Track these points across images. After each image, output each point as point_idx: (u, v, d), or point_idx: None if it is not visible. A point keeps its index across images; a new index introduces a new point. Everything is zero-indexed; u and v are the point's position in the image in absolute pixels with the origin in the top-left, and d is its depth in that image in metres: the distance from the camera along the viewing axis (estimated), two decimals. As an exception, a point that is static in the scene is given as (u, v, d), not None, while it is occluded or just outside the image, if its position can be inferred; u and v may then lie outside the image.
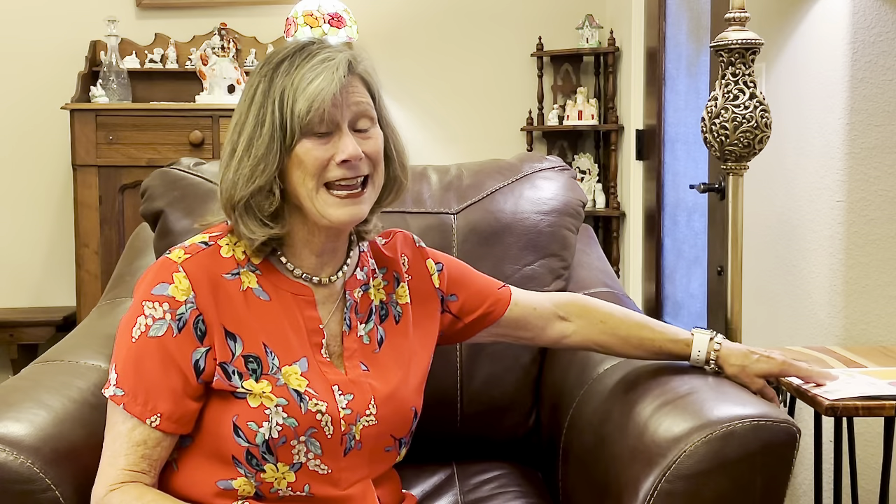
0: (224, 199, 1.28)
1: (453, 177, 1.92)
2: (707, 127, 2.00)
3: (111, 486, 1.23)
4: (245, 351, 1.27)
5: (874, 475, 2.04)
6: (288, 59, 1.27)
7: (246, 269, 1.30)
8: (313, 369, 1.30)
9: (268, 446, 1.25)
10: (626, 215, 3.92)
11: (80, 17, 4.03)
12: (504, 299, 1.50)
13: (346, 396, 1.31)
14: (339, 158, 1.25)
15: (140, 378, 1.24)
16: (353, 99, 1.27)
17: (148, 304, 1.25)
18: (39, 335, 3.85)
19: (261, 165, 1.24)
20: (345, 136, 1.26)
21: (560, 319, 1.51)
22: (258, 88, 1.27)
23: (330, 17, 3.78)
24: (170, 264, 1.27)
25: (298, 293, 1.33)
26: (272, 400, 1.25)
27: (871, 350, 1.93)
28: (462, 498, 1.66)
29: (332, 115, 1.25)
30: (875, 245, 2.08)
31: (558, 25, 4.16)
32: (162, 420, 1.24)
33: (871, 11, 2.04)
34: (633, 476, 1.28)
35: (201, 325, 1.25)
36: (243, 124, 1.27)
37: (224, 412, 1.26)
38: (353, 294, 1.38)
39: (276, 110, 1.24)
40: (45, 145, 4.05)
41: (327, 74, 1.24)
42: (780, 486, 1.29)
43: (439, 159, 2.33)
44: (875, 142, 2.06)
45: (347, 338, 1.35)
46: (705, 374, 1.44)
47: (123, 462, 1.24)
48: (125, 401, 1.24)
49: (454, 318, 1.49)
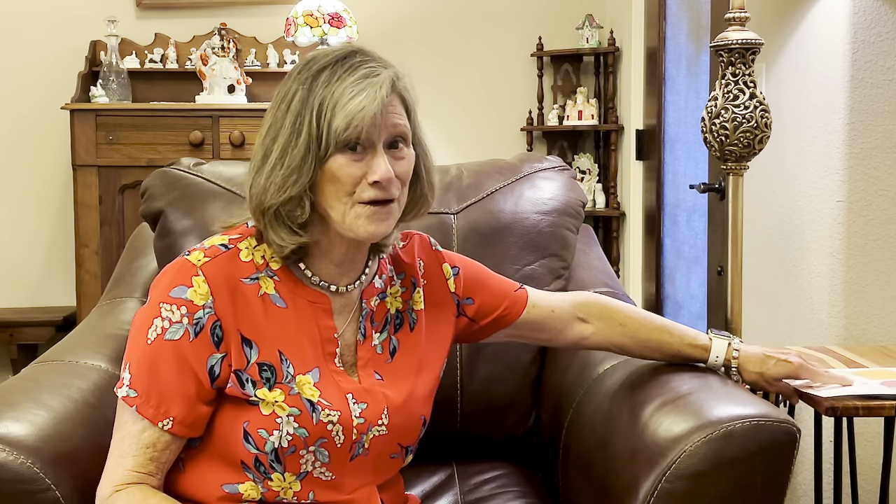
0: (254, 204, 1.26)
1: (453, 177, 1.92)
2: (707, 127, 2.00)
3: (117, 487, 1.23)
4: (260, 358, 1.26)
5: (874, 475, 2.04)
6: (329, 69, 1.24)
7: (264, 275, 1.29)
8: (325, 379, 1.29)
9: (276, 455, 1.24)
10: (626, 215, 3.92)
11: (80, 17, 4.04)
12: (521, 301, 1.48)
13: (360, 405, 1.30)
14: (371, 179, 1.23)
15: (154, 381, 1.23)
16: (391, 120, 1.25)
17: (165, 306, 1.24)
18: (39, 335, 3.85)
19: (293, 176, 1.22)
20: (378, 156, 1.23)
21: (579, 321, 1.50)
22: (296, 95, 1.24)
23: (330, 17, 3.78)
24: (189, 267, 1.25)
25: (315, 301, 1.31)
26: (284, 409, 1.25)
27: (871, 350, 1.93)
28: (462, 498, 1.66)
29: (369, 134, 1.22)
30: (875, 245, 2.08)
31: (558, 25, 4.16)
32: (174, 424, 1.23)
33: (871, 11, 2.04)
34: (634, 476, 1.28)
35: (218, 330, 1.24)
36: (278, 130, 1.24)
37: (235, 418, 1.25)
38: (370, 303, 1.36)
39: (314, 121, 1.21)
40: (45, 145, 4.05)
41: (370, 92, 1.21)
42: (780, 486, 1.29)
43: (439, 159, 2.31)
44: (875, 142, 2.06)
45: (362, 347, 1.34)
46: (705, 373, 1.44)
47: (131, 463, 1.23)
48: (138, 402, 1.23)
49: (470, 321, 1.47)
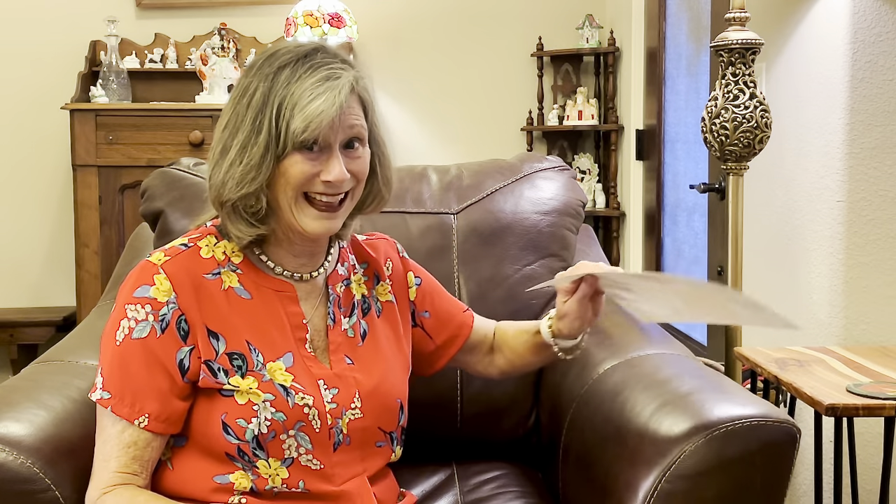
0: (212, 195, 1.29)
1: (453, 177, 1.92)
2: (707, 127, 2.00)
3: (104, 490, 1.24)
4: (229, 349, 1.28)
5: (874, 475, 2.04)
6: (290, 67, 1.25)
7: (227, 269, 1.31)
8: (298, 364, 1.31)
9: (258, 442, 1.26)
10: (626, 215, 3.93)
11: (80, 17, 4.04)
12: (468, 322, 1.53)
13: (332, 391, 1.32)
14: (325, 178, 1.26)
15: (126, 380, 1.25)
16: (348, 122, 1.27)
17: (130, 306, 1.26)
18: (39, 335, 3.85)
19: (252, 174, 1.24)
20: (334, 158, 1.26)
21: (497, 349, 1.55)
22: (258, 91, 1.25)
23: (330, 17, 3.78)
24: (150, 267, 1.28)
25: (280, 290, 1.34)
26: (259, 396, 1.26)
27: (871, 350, 1.93)
28: (462, 498, 1.66)
29: (326, 136, 1.25)
30: (875, 245, 2.08)
31: (558, 25, 4.16)
32: (150, 420, 1.25)
33: (871, 11, 2.04)
34: (634, 476, 1.28)
35: (184, 324, 1.26)
36: (238, 126, 1.26)
37: (212, 411, 1.27)
38: (336, 289, 1.39)
39: (273, 120, 1.24)
40: (45, 145, 4.05)
41: (329, 97, 1.23)
42: (780, 487, 1.29)
43: (439, 159, 2.33)
44: (875, 142, 2.06)
45: (332, 332, 1.36)
46: (705, 373, 1.44)
47: (115, 464, 1.25)
48: (112, 403, 1.25)
49: (426, 335, 1.50)
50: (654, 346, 1.62)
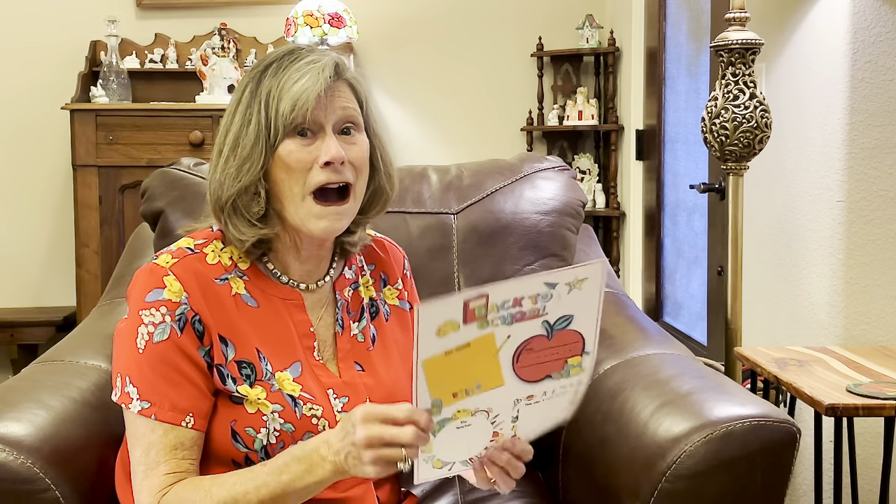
0: (212, 200, 1.29)
1: (453, 177, 1.92)
2: (707, 127, 2.00)
3: (161, 491, 1.21)
4: (238, 356, 1.26)
5: (874, 475, 2.04)
6: (276, 62, 1.28)
7: (234, 275, 1.30)
8: (307, 373, 1.30)
9: (266, 452, 1.25)
10: (626, 215, 3.92)
11: (80, 17, 4.04)
12: None
13: (342, 400, 1.30)
14: (322, 160, 1.24)
15: (160, 386, 1.23)
16: (338, 103, 1.27)
17: (145, 312, 1.24)
18: (39, 335, 3.85)
19: (246, 164, 1.25)
20: (328, 138, 1.26)
21: None
22: (246, 90, 1.28)
23: (330, 17, 3.78)
24: (159, 269, 1.26)
25: (287, 298, 1.32)
26: (268, 406, 1.25)
27: (871, 350, 1.93)
28: (462, 498, 1.66)
29: (315, 115, 1.25)
30: (875, 245, 2.08)
31: (558, 25, 4.16)
32: (195, 419, 1.23)
33: (871, 11, 2.04)
34: (634, 476, 1.28)
35: (198, 324, 1.25)
36: (230, 125, 1.28)
37: (222, 417, 1.26)
38: (344, 293, 1.38)
39: (262, 110, 1.25)
40: (45, 145, 4.05)
41: (312, 75, 1.25)
42: (780, 486, 1.29)
43: (439, 159, 2.33)
44: (875, 142, 2.06)
45: (340, 338, 1.35)
46: (705, 373, 1.44)
47: (165, 468, 1.22)
48: (155, 411, 1.22)
49: None
50: (654, 346, 1.62)
